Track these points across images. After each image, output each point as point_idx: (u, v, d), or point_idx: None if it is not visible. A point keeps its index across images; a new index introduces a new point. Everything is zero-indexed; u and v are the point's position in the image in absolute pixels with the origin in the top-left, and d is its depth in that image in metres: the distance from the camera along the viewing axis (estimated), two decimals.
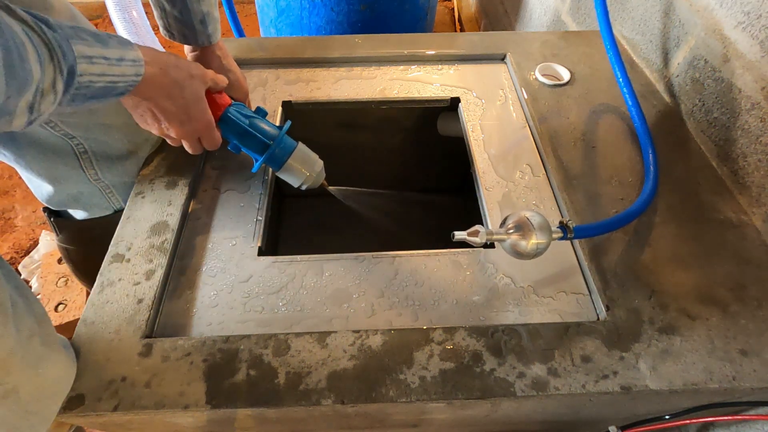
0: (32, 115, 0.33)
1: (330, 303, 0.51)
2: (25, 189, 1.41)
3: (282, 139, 0.56)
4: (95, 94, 0.39)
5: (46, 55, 0.33)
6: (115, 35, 0.41)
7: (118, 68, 0.40)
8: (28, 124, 0.34)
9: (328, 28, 1.22)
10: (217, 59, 0.61)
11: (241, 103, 0.58)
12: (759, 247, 0.55)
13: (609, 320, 0.49)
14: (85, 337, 0.47)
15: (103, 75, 0.38)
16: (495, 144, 0.68)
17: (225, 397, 0.43)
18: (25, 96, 0.31)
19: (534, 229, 0.45)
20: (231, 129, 0.56)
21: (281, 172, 0.58)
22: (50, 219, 0.69)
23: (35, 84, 0.32)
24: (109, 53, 0.39)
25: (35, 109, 0.33)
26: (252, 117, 0.56)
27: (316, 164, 0.59)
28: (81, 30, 0.37)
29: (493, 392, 0.44)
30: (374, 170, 1.05)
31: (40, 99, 0.33)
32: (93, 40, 0.37)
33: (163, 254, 0.53)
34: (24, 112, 0.32)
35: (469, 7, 2.10)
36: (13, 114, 0.32)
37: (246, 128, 0.55)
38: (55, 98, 0.34)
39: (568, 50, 0.81)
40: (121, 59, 0.40)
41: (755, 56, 0.57)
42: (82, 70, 0.36)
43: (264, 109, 0.58)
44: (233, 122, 0.55)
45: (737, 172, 0.60)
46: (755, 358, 0.46)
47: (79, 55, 0.36)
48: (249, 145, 0.56)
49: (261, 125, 0.56)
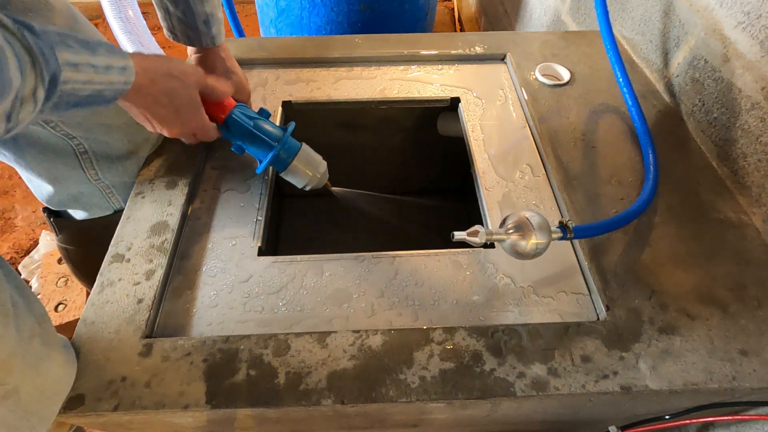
0: (9, 123, 0.32)
1: (330, 303, 0.51)
2: (25, 189, 1.41)
3: (286, 141, 0.56)
4: (80, 101, 0.38)
5: (28, 63, 0.31)
6: (105, 42, 0.40)
7: (105, 76, 0.39)
8: (5, 132, 0.32)
9: (328, 28, 1.22)
10: (221, 61, 0.61)
11: (245, 104, 0.58)
12: (759, 247, 0.55)
13: (609, 320, 0.49)
14: (85, 337, 0.47)
15: (89, 83, 0.37)
16: (495, 144, 0.68)
17: (225, 397, 0.43)
18: (2, 104, 0.30)
19: (533, 229, 0.45)
20: (235, 131, 0.56)
21: (286, 173, 0.58)
22: (50, 219, 0.69)
23: (14, 92, 0.30)
24: (96, 61, 0.38)
25: (12, 118, 0.32)
26: (256, 118, 0.56)
27: (320, 165, 0.59)
28: (67, 36, 0.36)
29: (493, 392, 0.44)
30: (374, 170, 1.05)
31: (19, 107, 0.32)
32: (79, 47, 0.36)
33: (163, 254, 0.53)
34: (1, 120, 0.31)
35: (469, 7, 2.10)
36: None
37: (250, 129, 0.55)
38: (35, 107, 0.33)
39: (568, 50, 0.81)
40: (109, 67, 0.39)
41: (755, 56, 0.57)
42: (67, 78, 0.35)
43: (267, 110, 0.58)
44: (238, 124, 0.55)
45: (737, 172, 0.60)
46: (755, 358, 0.46)
47: (64, 62, 0.35)
48: (253, 146, 0.56)
49: (265, 126, 0.56)
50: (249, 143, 0.56)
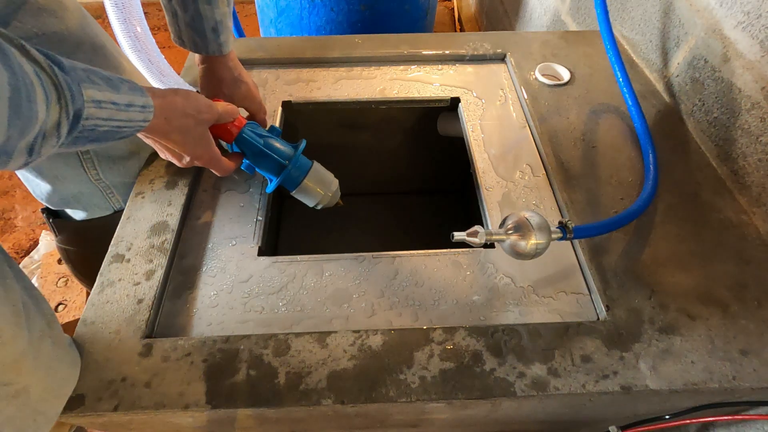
0: (31, 156, 0.32)
1: (330, 303, 0.51)
2: (25, 189, 1.41)
3: (297, 159, 0.56)
4: (98, 137, 0.38)
5: (54, 97, 0.32)
6: (127, 80, 0.40)
7: (126, 113, 0.39)
8: (24, 164, 0.33)
9: (328, 28, 1.22)
10: (228, 71, 0.60)
11: (255, 122, 0.57)
12: (759, 247, 0.55)
13: (609, 320, 0.49)
14: (85, 337, 0.47)
15: (110, 120, 0.38)
16: (495, 144, 0.68)
17: (225, 397, 0.43)
18: (26, 138, 0.30)
19: (533, 229, 0.45)
20: (246, 150, 0.55)
21: (297, 192, 0.57)
22: (49, 220, 0.69)
23: (39, 125, 0.31)
24: (118, 99, 0.38)
25: (35, 150, 0.32)
26: (266, 137, 0.56)
27: (332, 184, 0.58)
28: (93, 73, 0.36)
29: (493, 392, 0.44)
30: (374, 170, 1.05)
31: (41, 141, 0.32)
32: (104, 85, 0.37)
33: (163, 254, 0.53)
34: (23, 153, 0.31)
35: (469, 7, 2.10)
36: (11, 155, 0.30)
37: (261, 148, 0.54)
38: (57, 141, 0.34)
39: (568, 50, 0.81)
40: (130, 105, 0.39)
41: (755, 56, 0.57)
42: (89, 114, 0.35)
43: (278, 128, 0.58)
44: (248, 143, 0.54)
45: (737, 172, 0.60)
46: (755, 357, 0.46)
47: (88, 100, 0.35)
48: (264, 165, 0.56)
49: (276, 145, 0.55)
50: (259, 162, 0.55)
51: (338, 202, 0.61)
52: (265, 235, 0.58)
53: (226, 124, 0.53)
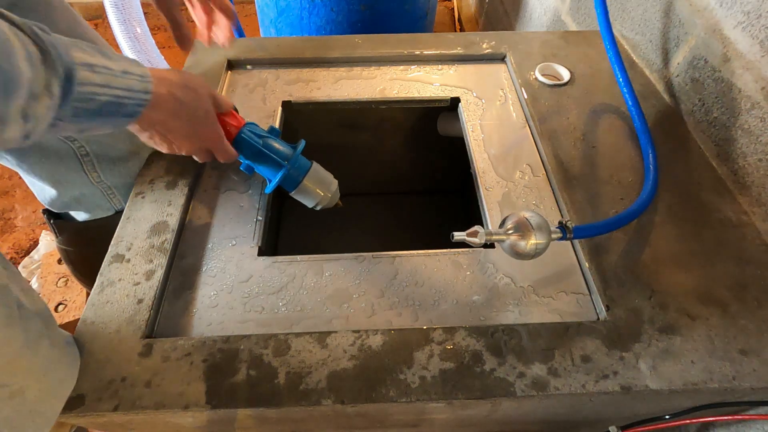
0: (27, 122, 0.32)
1: (330, 303, 0.51)
2: (25, 189, 1.42)
3: (297, 159, 0.56)
4: (100, 109, 0.37)
5: (37, 55, 0.31)
6: (118, 53, 0.40)
7: (123, 80, 0.39)
8: (23, 135, 0.32)
9: (328, 28, 1.22)
10: None
11: (254, 122, 0.57)
12: (759, 247, 0.55)
13: (609, 320, 0.49)
14: (85, 337, 0.47)
15: (107, 86, 0.37)
16: (495, 144, 0.68)
17: (225, 397, 0.43)
18: (15, 99, 0.30)
19: (533, 229, 0.45)
20: (245, 150, 0.55)
21: (296, 192, 0.57)
22: (50, 221, 0.69)
23: (26, 85, 0.30)
24: (112, 65, 0.37)
25: (30, 115, 0.31)
26: (265, 137, 0.56)
27: (331, 184, 0.58)
28: (81, 43, 0.36)
29: (493, 392, 0.44)
30: (374, 170, 1.05)
31: (34, 103, 0.31)
32: (93, 51, 0.36)
33: (163, 254, 0.53)
34: (17, 119, 0.31)
35: (469, 7, 2.10)
36: (5, 120, 0.30)
37: (260, 149, 0.54)
38: (51, 102, 0.33)
39: (568, 50, 0.81)
40: (126, 72, 0.39)
41: (755, 56, 0.57)
42: (83, 78, 0.35)
43: (277, 128, 0.57)
44: (247, 143, 0.54)
45: (737, 172, 0.60)
46: (755, 357, 0.46)
47: (79, 62, 0.34)
48: (263, 166, 0.56)
49: (275, 145, 0.55)
50: (258, 162, 0.55)
51: (338, 203, 0.61)
52: (265, 235, 0.58)
53: (225, 125, 0.53)
